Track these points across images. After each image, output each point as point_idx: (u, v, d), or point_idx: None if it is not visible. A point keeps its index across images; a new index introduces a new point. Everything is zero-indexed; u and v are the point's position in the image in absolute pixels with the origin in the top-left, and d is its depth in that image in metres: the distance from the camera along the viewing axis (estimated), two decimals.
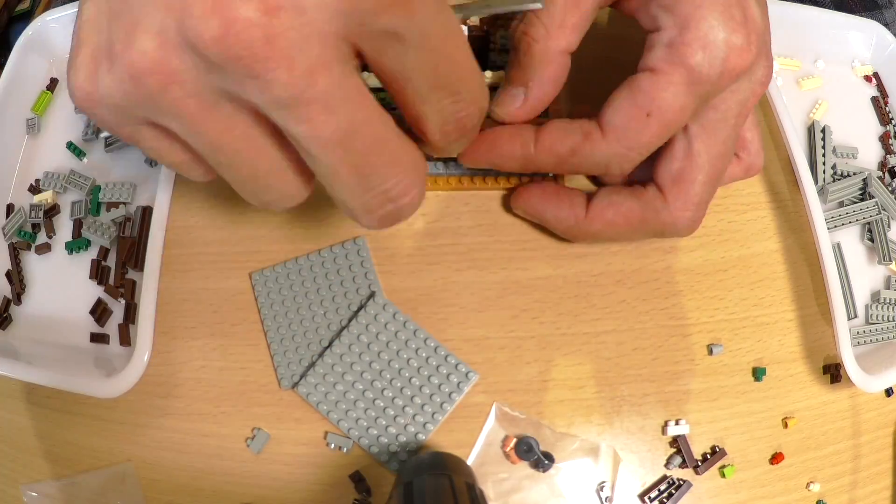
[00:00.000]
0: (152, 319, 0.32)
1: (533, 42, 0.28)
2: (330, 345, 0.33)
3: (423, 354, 0.33)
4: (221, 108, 0.20)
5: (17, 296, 0.36)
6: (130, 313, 0.35)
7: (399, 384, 0.33)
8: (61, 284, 0.37)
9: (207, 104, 0.20)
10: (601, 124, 0.28)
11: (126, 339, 0.34)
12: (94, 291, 0.36)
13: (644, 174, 0.31)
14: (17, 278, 0.36)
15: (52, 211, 0.38)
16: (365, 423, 0.32)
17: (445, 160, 0.35)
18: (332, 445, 0.33)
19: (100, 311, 0.35)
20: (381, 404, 0.32)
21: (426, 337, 0.33)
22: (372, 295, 0.34)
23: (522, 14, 0.29)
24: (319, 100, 0.19)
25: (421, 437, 0.32)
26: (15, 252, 0.37)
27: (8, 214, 0.38)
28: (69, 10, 0.41)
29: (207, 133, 0.21)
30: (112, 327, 0.35)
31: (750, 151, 0.32)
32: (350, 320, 0.33)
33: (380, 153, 0.21)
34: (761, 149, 0.33)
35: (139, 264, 0.35)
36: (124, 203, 0.37)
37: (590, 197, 0.32)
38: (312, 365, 0.33)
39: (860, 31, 0.43)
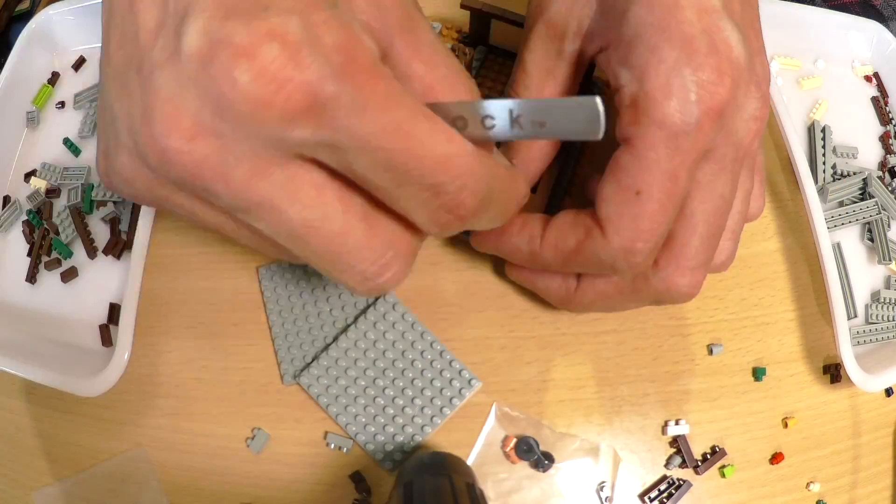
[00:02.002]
0: (133, 319, 0.32)
1: None
2: (336, 339, 0.33)
3: (428, 357, 0.33)
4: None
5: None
6: (114, 314, 0.35)
7: (401, 384, 0.33)
8: (53, 280, 0.37)
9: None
10: (598, 220, 0.24)
11: (108, 339, 0.35)
12: (84, 291, 0.36)
13: None
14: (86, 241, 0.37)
15: (52, 193, 0.38)
16: (363, 420, 0.32)
17: None
18: (332, 445, 0.33)
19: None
20: (382, 402, 0.33)
21: (433, 340, 0.33)
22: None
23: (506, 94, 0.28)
24: (264, 203, 0.19)
25: (418, 438, 0.32)
26: (80, 216, 0.37)
27: (4, 206, 0.38)
28: (72, 5, 0.41)
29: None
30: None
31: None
32: (358, 316, 0.34)
33: (342, 243, 0.20)
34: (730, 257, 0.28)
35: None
36: (114, 202, 0.37)
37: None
38: (317, 357, 0.33)
39: (860, 31, 0.43)
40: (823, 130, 0.40)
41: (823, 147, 0.39)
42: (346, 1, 0.19)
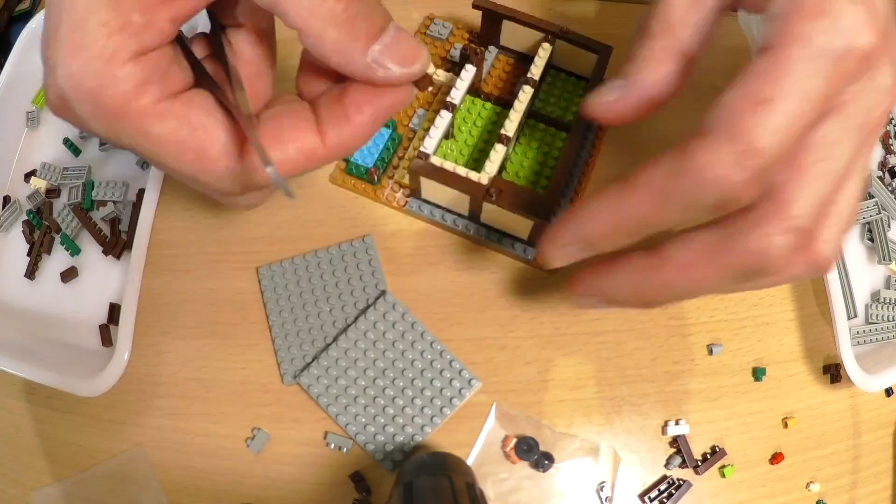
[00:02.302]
0: (133, 319, 0.32)
1: (649, 37, 0.25)
2: (336, 339, 0.33)
3: (428, 357, 0.33)
4: None
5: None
6: (114, 314, 0.35)
7: (401, 384, 0.33)
8: (53, 279, 0.37)
9: None
10: (702, 132, 0.21)
11: (108, 339, 0.35)
12: (84, 291, 0.36)
13: None
14: (95, 234, 0.36)
15: (52, 193, 0.38)
16: (363, 420, 0.32)
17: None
18: (332, 445, 0.33)
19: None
20: (382, 402, 0.33)
21: (433, 340, 0.33)
22: (382, 293, 0.34)
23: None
24: None
25: (418, 438, 0.32)
26: (83, 212, 0.37)
27: (4, 206, 0.38)
28: None
29: None
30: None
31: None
32: (358, 316, 0.34)
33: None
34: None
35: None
36: (114, 201, 0.37)
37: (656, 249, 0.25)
38: (317, 357, 0.33)
39: None
40: None
41: None
42: None
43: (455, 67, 0.39)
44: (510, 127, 0.32)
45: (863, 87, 0.22)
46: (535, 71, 0.34)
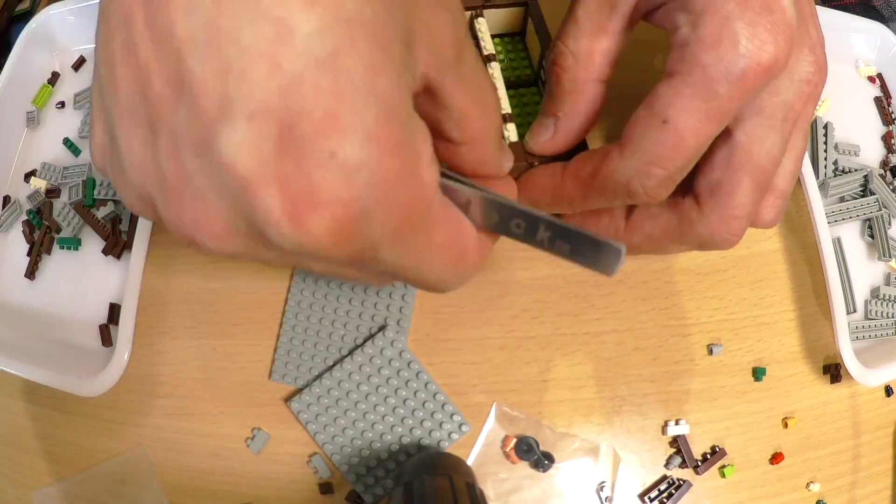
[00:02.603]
0: (133, 319, 0.32)
1: (562, 72, 0.27)
2: (331, 368, 0.33)
3: (421, 397, 0.32)
4: None
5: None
6: (114, 314, 0.35)
7: (391, 421, 0.32)
8: (53, 279, 0.37)
9: None
10: (620, 141, 0.25)
11: (108, 339, 0.35)
12: (84, 291, 0.36)
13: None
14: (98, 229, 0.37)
15: (52, 193, 0.38)
16: (349, 451, 0.32)
17: None
18: (316, 470, 0.32)
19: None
20: (370, 436, 0.32)
21: (428, 381, 0.33)
22: (382, 328, 0.33)
23: (552, 45, 0.28)
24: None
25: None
26: (85, 209, 0.37)
27: (4, 206, 0.38)
28: (72, 5, 0.41)
29: None
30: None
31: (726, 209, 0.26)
32: (356, 348, 0.33)
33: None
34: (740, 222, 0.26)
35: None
36: (114, 201, 0.37)
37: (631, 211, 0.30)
38: (309, 385, 0.33)
39: (864, 33, 0.43)
40: (826, 127, 0.40)
41: (826, 143, 0.39)
42: (412, 55, 0.19)
43: None
44: (504, 104, 0.32)
45: (780, 85, 0.25)
46: (489, 46, 0.33)
